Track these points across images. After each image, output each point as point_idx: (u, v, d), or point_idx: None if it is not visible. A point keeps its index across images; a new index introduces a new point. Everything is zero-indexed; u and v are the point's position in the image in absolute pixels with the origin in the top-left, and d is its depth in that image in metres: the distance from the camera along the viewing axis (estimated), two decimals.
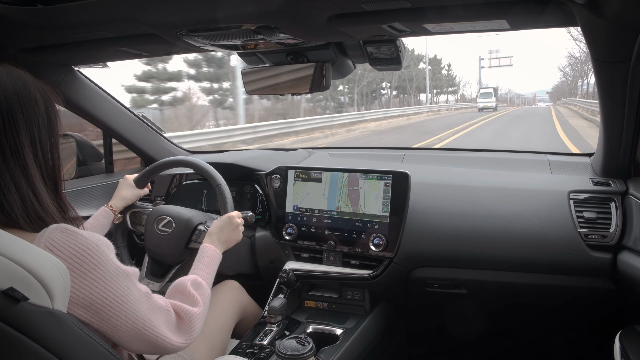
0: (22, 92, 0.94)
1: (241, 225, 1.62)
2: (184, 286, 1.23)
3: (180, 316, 1.13)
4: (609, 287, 1.67)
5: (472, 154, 2.39)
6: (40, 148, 0.96)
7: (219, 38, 1.46)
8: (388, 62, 1.60)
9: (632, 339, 1.36)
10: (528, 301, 1.90)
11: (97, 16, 1.34)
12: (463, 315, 2.06)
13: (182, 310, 1.13)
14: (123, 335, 0.97)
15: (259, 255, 2.11)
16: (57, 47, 1.66)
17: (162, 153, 2.49)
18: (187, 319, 1.13)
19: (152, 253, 1.81)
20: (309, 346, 1.30)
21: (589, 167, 1.96)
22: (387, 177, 1.84)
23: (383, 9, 1.21)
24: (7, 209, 0.90)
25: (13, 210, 0.91)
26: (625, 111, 1.49)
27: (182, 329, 1.11)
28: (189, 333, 1.12)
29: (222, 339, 1.66)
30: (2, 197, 0.90)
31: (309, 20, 1.29)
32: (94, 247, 0.92)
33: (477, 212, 1.82)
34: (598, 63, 1.37)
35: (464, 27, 1.33)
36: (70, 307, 0.89)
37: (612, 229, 1.64)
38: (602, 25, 1.18)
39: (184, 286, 1.23)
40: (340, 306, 1.96)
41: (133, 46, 1.63)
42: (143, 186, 1.87)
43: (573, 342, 2.10)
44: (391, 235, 1.81)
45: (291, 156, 2.42)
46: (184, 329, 1.12)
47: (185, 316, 1.13)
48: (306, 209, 1.98)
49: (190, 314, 1.14)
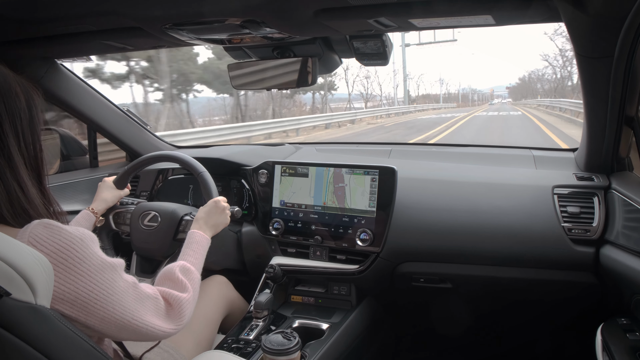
0: (2, 85, 0.93)
1: (228, 208, 1.62)
2: (172, 272, 1.23)
3: (170, 302, 1.12)
4: (592, 281, 1.69)
5: (458, 149, 2.40)
6: (23, 140, 0.95)
7: (204, 32, 1.45)
8: (374, 57, 1.60)
9: (614, 331, 1.38)
10: (512, 295, 1.92)
11: (80, 9, 1.33)
12: (448, 310, 2.07)
13: (171, 297, 1.13)
14: (112, 327, 0.96)
15: (246, 250, 2.11)
16: (38, 40, 1.64)
17: (146, 147, 2.47)
18: (176, 305, 1.13)
19: (140, 250, 1.80)
20: (295, 341, 1.30)
21: (573, 162, 1.99)
22: (374, 172, 1.84)
23: (369, 4, 1.21)
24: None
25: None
26: (608, 107, 1.51)
27: (172, 315, 1.11)
28: (180, 319, 1.12)
29: (209, 334, 1.66)
30: None
31: (295, 15, 1.29)
32: (78, 242, 0.91)
33: (462, 207, 1.83)
34: (582, 59, 1.39)
35: (450, 22, 1.33)
36: (55, 303, 0.88)
37: (595, 224, 1.66)
38: (586, 21, 1.19)
39: (172, 272, 1.23)
40: (326, 301, 1.96)
41: (117, 40, 1.61)
42: (123, 187, 1.85)
43: (556, 335, 2.13)
44: (377, 230, 1.82)
45: (278, 151, 2.41)
46: (173, 315, 1.11)
47: (175, 302, 1.13)
48: (293, 204, 1.97)
49: (180, 300, 1.14)
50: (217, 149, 2.48)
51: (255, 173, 2.08)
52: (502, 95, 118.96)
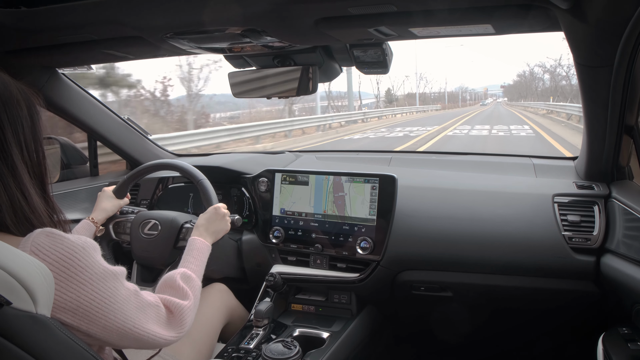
0: (3, 93, 0.93)
1: (228, 215, 1.62)
2: (173, 280, 1.23)
3: (171, 310, 1.12)
4: (592, 290, 1.68)
5: (458, 157, 2.41)
6: (25, 148, 0.96)
7: (205, 41, 1.45)
8: (375, 66, 1.61)
9: (615, 341, 1.37)
10: (513, 304, 1.92)
11: (81, 18, 1.33)
12: (449, 319, 2.06)
13: (172, 304, 1.13)
14: (113, 335, 0.96)
15: (246, 258, 2.10)
16: (40, 50, 1.65)
17: (147, 156, 2.47)
18: (177, 312, 1.12)
19: (141, 259, 1.80)
20: (295, 350, 1.30)
21: (573, 170, 1.99)
22: (374, 180, 1.84)
23: (369, 13, 1.22)
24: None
25: (1, 212, 0.90)
26: (608, 116, 1.51)
27: (173, 323, 1.11)
28: (181, 326, 1.12)
29: (209, 342, 1.65)
30: None
31: (296, 24, 1.29)
32: (80, 250, 0.91)
33: (462, 215, 1.83)
34: (581, 67, 1.39)
35: (450, 31, 1.34)
36: (57, 311, 0.88)
37: (595, 232, 1.66)
38: (585, 30, 1.19)
39: (173, 280, 1.22)
40: (326, 309, 1.95)
41: (118, 49, 1.62)
42: (122, 196, 1.85)
43: (557, 344, 2.12)
44: (378, 239, 1.82)
45: (278, 159, 2.41)
46: (175, 322, 1.11)
47: (176, 310, 1.12)
48: (293, 212, 1.97)
49: (181, 308, 1.13)
50: (217, 157, 2.48)
51: (255, 181, 2.08)
52: (496, 95, 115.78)
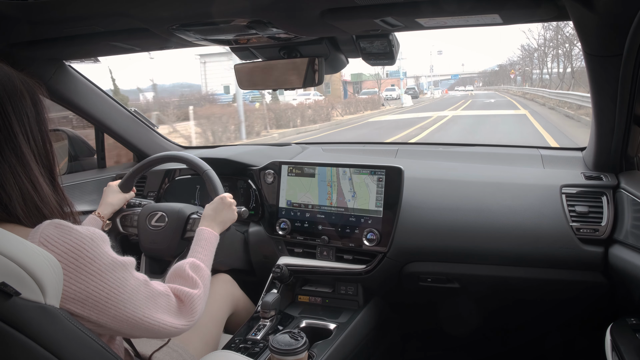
0: (7, 84, 0.94)
1: (234, 204, 1.62)
2: (182, 269, 1.24)
3: (181, 299, 1.13)
4: (601, 281, 1.68)
5: (465, 148, 2.40)
6: (32, 138, 0.96)
7: (211, 33, 1.45)
8: (381, 57, 1.60)
9: (623, 332, 1.37)
10: (520, 295, 1.91)
11: (88, 11, 1.33)
12: (456, 310, 2.07)
13: (183, 293, 1.14)
14: (124, 325, 0.97)
15: (253, 250, 2.11)
16: (47, 42, 1.65)
17: (154, 148, 2.48)
18: (188, 301, 1.13)
19: (149, 251, 1.81)
20: (302, 341, 1.30)
21: (581, 161, 1.97)
22: (381, 172, 1.84)
23: (376, 3, 1.21)
24: (5, 201, 0.90)
25: (12, 202, 0.91)
26: (616, 106, 1.50)
27: (184, 311, 1.12)
28: (191, 315, 1.13)
29: (215, 333, 1.66)
30: (1, 190, 0.90)
31: (302, 15, 1.29)
32: (88, 241, 0.91)
33: (470, 207, 1.83)
34: (590, 58, 1.38)
35: (457, 21, 1.33)
36: (66, 302, 0.89)
37: (603, 223, 1.65)
38: (594, 20, 1.18)
39: (183, 269, 1.23)
40: (333, 301, 1.96)
41: (125, 41, 1.62)
42: (128, 190, 1.85)
43: (565, 335, 2.12)
44: (384, 230, 1.82)
45: (284, 151, 2.41)
46: (185, 311, 1.12)
47: (186, 299, 1.14)
48: (299, 204, 1.98)
49: (191, 296, 1.14)
50: (223, 149, 2.48)
51: (261, 173, 2.08)
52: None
